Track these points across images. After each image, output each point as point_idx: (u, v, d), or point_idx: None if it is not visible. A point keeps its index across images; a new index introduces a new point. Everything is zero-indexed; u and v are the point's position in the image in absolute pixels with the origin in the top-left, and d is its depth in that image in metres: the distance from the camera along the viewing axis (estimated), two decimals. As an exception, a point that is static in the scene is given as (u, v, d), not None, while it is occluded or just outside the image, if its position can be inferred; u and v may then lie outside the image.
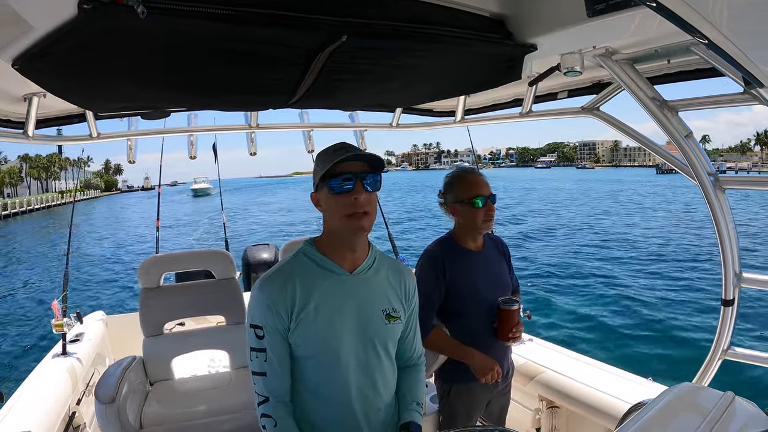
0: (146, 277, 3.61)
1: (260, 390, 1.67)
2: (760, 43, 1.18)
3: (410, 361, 1.97)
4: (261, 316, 1.64)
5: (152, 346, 3.57)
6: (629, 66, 2.31)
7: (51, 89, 1.88)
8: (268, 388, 1.66)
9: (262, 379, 1.67)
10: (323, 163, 1.62)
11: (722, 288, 2.68)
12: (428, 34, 1.61)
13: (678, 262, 19.25)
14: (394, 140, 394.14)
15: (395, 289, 1.81)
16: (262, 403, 1.66)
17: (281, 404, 1.67)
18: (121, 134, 3.40)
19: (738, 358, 2.77)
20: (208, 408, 3.21)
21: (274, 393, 1.67)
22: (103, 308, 5.04)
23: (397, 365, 1.93)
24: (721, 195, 2.51)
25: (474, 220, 2.54)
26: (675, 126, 2.41)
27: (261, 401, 1.67)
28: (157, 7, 1.15)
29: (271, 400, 1.66)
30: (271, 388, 1.67)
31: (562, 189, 76.95)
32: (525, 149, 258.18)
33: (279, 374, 1.67)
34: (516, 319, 2.55)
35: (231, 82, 1.91)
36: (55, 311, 3.68)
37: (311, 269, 1.70)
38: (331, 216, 1.66)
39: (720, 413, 1.58)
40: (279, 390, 1.67)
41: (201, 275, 4.06)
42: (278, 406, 1.66)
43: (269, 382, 1.66)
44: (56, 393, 3.13)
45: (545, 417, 3.36)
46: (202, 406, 3.22)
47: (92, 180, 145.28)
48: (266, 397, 1.66)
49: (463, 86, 2.64)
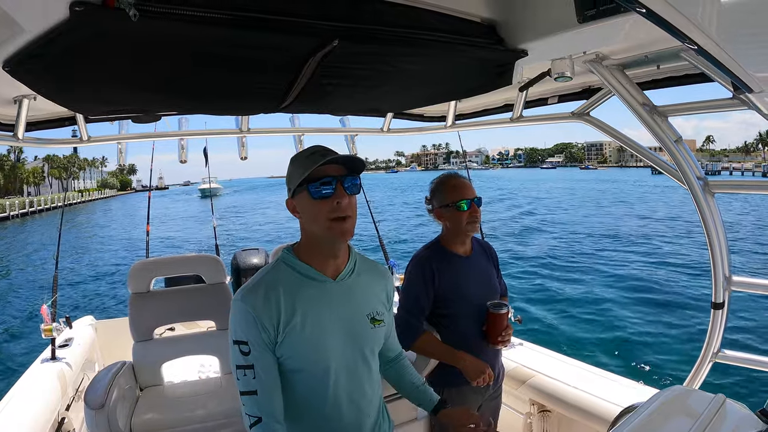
0: (136, 282, 3.58)
1: (251, 410, 1.56)
2: (750, 49, 1.19)
3: (399, 356, 2.02)
4: (245, 331, 1.56)
5: (142, 352, 3.54)
6: (619, 71, 2.33)
7: (41, 92, 1.86)
8: (260, 407, 1.56)
9: (252, 399, 1.56)
10: (300, 167, 1.59)
11: (712, 291, 2.70)
12: (419, 40, 1.60)
13: (670, 265, 19.47)
14: (404, 142, 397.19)
15: (378, 292, 1.80)
16: (255, 425, 1.55)
17: (276, 424, 1.56)
18: (111, 138, 3.38)
19: (728, 360, 2.78)
20: (199, 414, 3.18)
21: (266, 412, 1.56)
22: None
23: (388, 365, 1.97)
24: (711, 199, 2.53)
25: (460, 223, 2.55)
26: (665, 131, 2.43)
27: (253, 423, 1.55)
28: (149, 11, 1.14)
29: (264, 420, 1.55)
30: (263, 407, 1.56)
31: (554, 188, 78.80)
32: (533, 150, 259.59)
33: (270, 391, 1.58)
34: (505, 322, 2.57)
35: (222, 86, 1.89)
36: (44, 316, 3.64)
37: (293, 278, 1.65)
38: (311, 222, 1.62)
39: (711, 416, 1.59)
40: (271, 408, 1.57)
41: (191, 280, 4.04)
42: (273, 426, 1.55)
43: (260, 401, 1.56)
44: (45, 398, 3.10)
45: (536, 421, 3.36)
46: (192, 412, 3.20)
47: (108, 180, 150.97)
48: (258, 417, 1.55)
49: (454, 91, 2.65)
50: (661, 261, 20.05)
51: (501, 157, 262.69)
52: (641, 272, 18.29)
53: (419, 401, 2.01)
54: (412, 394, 2.01)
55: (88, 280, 21.92)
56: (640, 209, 42.79)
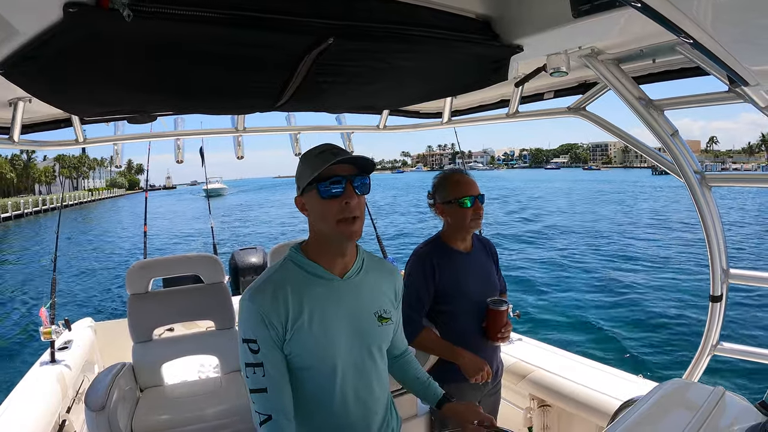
0: (134, 283, 3.58)
1: (261, 408, 1.55)
2: (745, 42, 1.19)
3: (405, 352, 2.01)
4: (254, 329, 1.55)
5: (142, 353, 3.54)
6: (615, 66, 2.32)
7: (36, 94, 1.86)
8: (271, 405, 1.55)
9: (262, 396, 1.55)
10: (310, 166, 1.58)
11: (710, 284, 2.71)
12: (415, 36, 1.60)
13: (667, 259, 19.58)
14: (410, 142, 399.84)
15: (385, 290, 1.79)
16: (265, 423, 1.53)
17: (286, 422, 1.56)
18: (107, 139, 3.38)
19: (727, 353, 2.79)
20: (199, 414, 3.18)
21: (277, 409, 1.55)
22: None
23: (394, 361, 1.96)
24: (708, 193, 2.53)
25: (462, 219, 2.55)
26: (661, 125, 2.43)
27: (263, 420, 1.54)
28: (143, 11, 1.14)
29: (275, 418, 1.54)
30: (273, 405, 1.55)
31: (550, 188, 79.23)
32: (539, 150, 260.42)
33: (280, 388, 1.57)
34: (505, 319, 2.57)
35: (217, 85, 1.89)
36: (43, 318, 3.64)
37: (301, 277, 1.64)
38: (320, 221, 1.61)
39: (711, 408, 1.60)
40: (282, 405, 1.56)
41: (189, 280, 4.03)
42: (283, 424, 1.55)
43: (270, 399, 1.55)
44: (46, 401, 3.10)
45: (536, 416, 3.37)
46: (193, 412, 3.20)
47: (117, 179, 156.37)
48: (268, 415, 1.53)
49: (450, 88, 2.64)
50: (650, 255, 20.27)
51: (506, 158, 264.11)
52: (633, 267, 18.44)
53: (424, 395, 2.01)
54: (417, 389, 2.02)
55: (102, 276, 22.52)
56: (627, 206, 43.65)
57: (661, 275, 16.99)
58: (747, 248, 22.16)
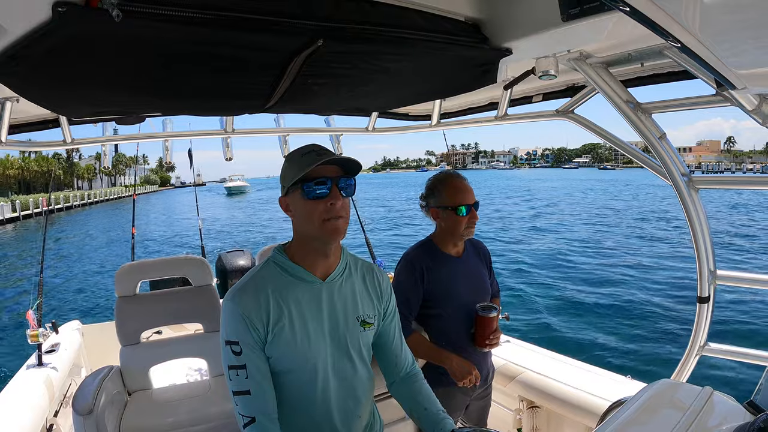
0: (122, 285, 3.55)
1: (244, 410, 1.54)
2: (732, 47, 1.20)
3: (412, 370, 1.93)
4: (236, 331, 1.55)
5: (129, 356, 3.51)
6: (603, 69, 2.34)
7: (24, 94, 1.84)
8: (254, 407, 1.54)
9: (245, 399, 1.54)
10: (295, 166, 1.57)
11: (698, 285, 2.73)
12: (404, 39, 1.60)
13: (655, 259, 19.72)
14: (434, 141, 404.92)
15: (369, 293, 1.78)
16: (248, 425, 1.53)
17: (270, 424, 1.55)
18: (95, 140, 3.36)
19: (715, 353, 2.82)
20: (188, 417, 3.16)
21: (261, 411, 1.55)
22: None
23: (398, 377, 1.90)
24: (695, 194, 2.56)
25: (457, 227, 2.54)
26: (649, 128, 2.45)
27: (247, 423, 1.53)
28: (132, 11, 1.13)
29: (259, 420, 1.53)
30: (256, 407, 1.55)
31: (555, 188, 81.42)
32: (561, 150, 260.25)
33: (263, 390, 1.57)
34: (494, 326, 2.56)
35: (206, 86, 1.88)
36: (30, 321, 3.60)
37: (283, 278, 1.64)
38: (305, 222, 1.60)
39: (699, 408, 1.61)
40: (265, 407, 1.56)
41: (176, 283, 4.01)
42: (267, 426, 1.54)
43: (254, 401, 1.55)
44: (33, 405, 3.06)
45: (526, 417, 3.38)
46: (181, 416, 3.17)
47: (151, 176, 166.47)
48: (252, 417, 1.53)
49: (439, 90, 2.64)
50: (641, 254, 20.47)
51: (529, 157, 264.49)
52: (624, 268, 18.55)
53: (431, 429, 1.77)
54: (425, 421, 1.80)
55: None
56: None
57: (649, 275, 17.11)
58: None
